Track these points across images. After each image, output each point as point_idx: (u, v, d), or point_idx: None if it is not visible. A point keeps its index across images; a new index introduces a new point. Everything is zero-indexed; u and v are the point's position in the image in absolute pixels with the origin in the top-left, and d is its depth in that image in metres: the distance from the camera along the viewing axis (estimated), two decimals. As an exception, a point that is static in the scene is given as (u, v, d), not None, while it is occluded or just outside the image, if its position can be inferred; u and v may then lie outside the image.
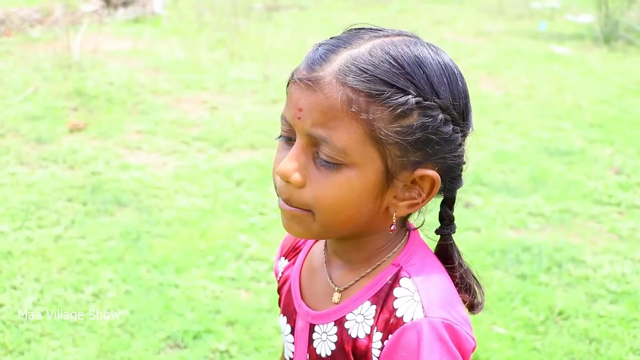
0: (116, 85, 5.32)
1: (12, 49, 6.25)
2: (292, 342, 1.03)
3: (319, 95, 0.85)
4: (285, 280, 1.07)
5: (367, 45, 0.87)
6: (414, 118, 0.85)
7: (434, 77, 0.87)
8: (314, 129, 0.86)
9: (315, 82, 0.86)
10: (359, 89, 0.84)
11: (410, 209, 0.91)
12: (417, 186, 0.89)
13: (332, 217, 0.89)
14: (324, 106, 0.85)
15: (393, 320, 0.89)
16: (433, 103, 0.86)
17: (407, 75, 0.85)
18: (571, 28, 8.68)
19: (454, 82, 0.89)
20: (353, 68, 0.85)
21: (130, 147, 4.30)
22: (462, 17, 9.34)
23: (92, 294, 2.76)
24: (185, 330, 2.56)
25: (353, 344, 0.92)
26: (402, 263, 0.93)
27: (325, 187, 0.87)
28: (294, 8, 9.51)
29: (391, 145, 0.86)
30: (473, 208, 3.67)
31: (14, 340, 2.47)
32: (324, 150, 0.86)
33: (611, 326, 2.69)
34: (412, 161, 0.87)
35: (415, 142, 0.86)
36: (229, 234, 3.28)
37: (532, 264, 3.10)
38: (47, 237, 3.16)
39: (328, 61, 0.86)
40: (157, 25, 7.76)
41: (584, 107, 5.51)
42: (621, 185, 4.00)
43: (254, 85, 5.62)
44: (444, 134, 0.87)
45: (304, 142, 0.88)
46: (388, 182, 0.88)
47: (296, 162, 0.88)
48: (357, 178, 0.86)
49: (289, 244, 1.11)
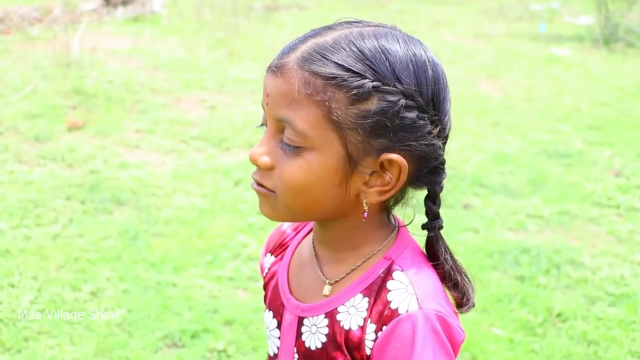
0: (115, 84, 5.31)
1: (11, 47, 6.25)
2: (277, 336, 1.03)
3: (280, 79, 0.89)
4: (272, 276, 1.08)
5: (334, 34, 0.90)
6: (373, 102, 0.86)
7: (396, 63, 0.87)
8: (278, 112, 0.89)
9: (280, 68, 0.89)
10: (316, 71, 0.86)
11: (381, 195, 0.91)
12: (388, 173, 0.90)
13: (294, 199, 0.91)
14: (284, 90, 0.88)
15: (387, 312, 0.90)
16: (393, 88, 0.86)
17: (366, 60, 0.86)
18: (571, 30, 8.69)
19: (421, 69, 0.89)
20: (314, 54, 0.88)
21: (129, 146, 4.29)
22: (461, 18, 9.35)
23: (90, 292, 2.75)
24: (183, 329, 2.56)
25: (346, 336, 0.93)
26: (393, 257, 0.94)
27: (287, 170, 0.89)
28: (294, 8, 9.51)
29: (351, 130, 0.87)
30: (472, 209, 3.66)
31: (12, 338, 2.46)
32: (287, 133, 0.88)
33: (610, 329, 2.68)
34: (375, 147, 0.88)
35: (375, 126, 0.86)
36: (227, 233, 3.28)
37: (530, 266, 3.09)
38: (45, 235, 3.15)
39: (295, 49, 0.90)
40: (156, 24, 7.75)
41: (583, 110, 5.51)
42: (620, 188, 4.00)
43: (253, 85, 5.62)
44: (406, 119, 0.87)
45: (272, 126, 0.91)
46: (351, 167, 0.89)
47: (265, 147, 0.92)
48: (317, 161, 0.88)
49: (275, 241, 1.12)
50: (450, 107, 0.94)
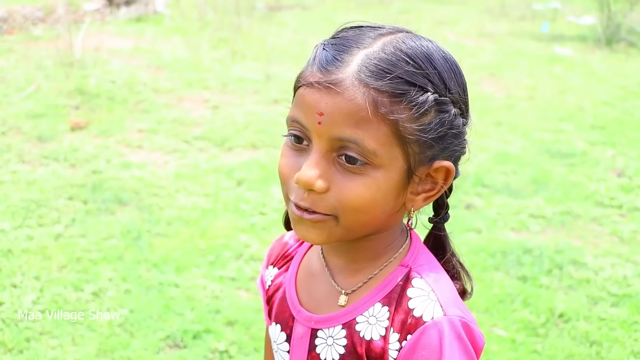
0: (118, 84, 5.32)
1: (14, 47, 6.25)
2: (286, 350, 1.00)
3: (342, 98, 0.83)
4: (277, 288, 1.05)
5: (378, 43, 0.87)
6: (432, 115, 0.87)
7: (443, 72, 0.88)
8: (340, 131, 0.84)
9: (336, 84, 0.84)
10: (383, 89, 0.84)
11: (426, 201, 0.92)
12: (431, 178, 0.91)
13: (357, 219, 0.88)
14: (350, 109, 0.83)
15: (411, 320, 0.89)
16: (446, 98, 0.88)
17: (423, 72, 0.86)
18: (573, 30, 8.67)
19: (458, 74, 0.91)
20: (372, 68, 0.84)
21: (131, 146, 4.30)
22: (464, 18, 9.33)
23: (92, 292, 2.75)
24: (185, 329, 2.56)
25: (367, 346, 0.92)
26: (410, 264, 0.94)
27: (351, 190, 0.86)
28: (297, 8, 9.51)
29: (413, 144, 0.87)
30: (474, 209, 3.66)
31: (14, 338, 2.46)
32: (352, 152, 0.85)
33: (612, 329, 2.68)
34: (428, 156, 0.89)
35: (434, 138, 0.87)
36: (230, 233, 3.28)
37: (533, 266, 3.09)
38: (47, 235, 3.15)
39: (344, 62, 0.85)
40: (159, 23, 7.75)
41: (586, 109, 5.50)
42: (623, 188, 4.00)
43: (255, 84, 5.62)
44: (457, 127, 0.90)
45: (325, 146, 0.86)
46: (409, 179, 0.89)
47: (318, 169, 0.86)
48: (383, 179, 0.86)
49: (277, 252, 1.09)
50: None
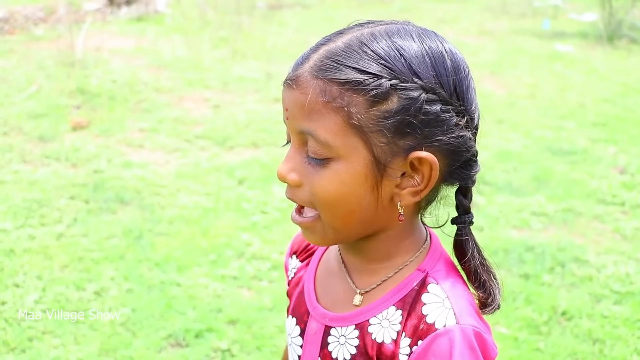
0: (119, 83, 5.32)
1: (15, 47, 6.26)
2: (300, 344, 1.00)
3: (296, 92, 0.87)
4: (298, 283, 1.06)
5: (346, 38, 0.87)
6: (394, 101, 0.84)
7: (412, 58, 0.85)
8: (299, 125, 0.87)
9: (295, 80, 0.87)
10: (330, 79, 0.84)
11: (414, 196, 0.89)
12: (419, 172, 0.87)
13: (333, 214, 0.88)
14: (301, 101, 0.86)
15: (423, 326, 0.88)
16: (412, 84, 0.84)
17: (381, 60, 0.84)
18: (575, 26, 8.66)
19: (439, 61, 0.86)
20: (326, 61, 0.85)
21: (132, 145, 4.30)
22: (465, 15, 9.32)
23: (94, 292, 2.75)
24: (187, 328, 2.56)
25: (378, 349, 0.91)
26: (427, 269, 0.92)
27: (318, 184, 0.87)
28: (297, 6, 9.50)
29: (374, 133, 0.84)
30: (476, 207, 3.65)
31: (16, 338, 2.46)
32: (311, 146, 0.86)
33: (615, 327, 2.68)
34: (402, 147, 0.85)
35: (399, 125, 0.84)
36: (231, 232, 3.28)
37: (535, 264, 3.09)
38: (49, 235, 3.16)
39: (307, 59, 0.87)
40: (160, 23, 7.75)
41: (587, 106, 5.49)
42: (625, 185, 3.99)
43: (256, 83, 5.62)
44: (430, 114, 0.84)
45: (296, 141, 0.89)
46: (380, 171, 0.86)
47: (291, 163, 0.89)
48: (345, 170, 0.86)
49: (300, 244, 1.10)
50: (476, 96, 0.91)
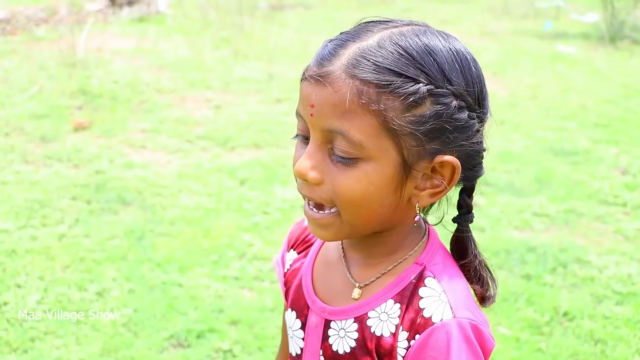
0: (120, 84, 5.32)
1: (17, 48, 6.26)
2: (301, 337, 1.01)
3: (328, 89, 0.85)
4: (295, 274, 1.06)
5: (376, 37, 0.87)
6: (427, 107, 0.85)
7: (444, 64, 0.86)
8: (328, 123, 0.85)
9: (325, 76, 0.85)
10: (368, 80, 0.83)
11: (433, 198, 0.90)
12: (438, 174, 0.89)
13: (356, 213, 0.88)
14: (335, 100, 0.84)
15: (420, 320, 0.89)
16: (445, 90, 0.85)
17: (417, 63, 0.84)
18: (577, 27, 8.65)
19: (466, 67, 0.88)
20: (361, 60, 0.84)
21: (134, 146, 4.30)
22: (467, 16, 9.32)
23: (95, 292, 2.75)
24: (189, 329, 2.56)
25: (377, 342, 0.92)
26: (425, 262, 0.93)
27: (343, 183, 0.86)
28: (299, 7, 9.51)
29: (406, 136, 0.85)
30: (477, 208, 3.65)
31: (18, 338, 2.47)
32: (340, 145, 0.85)
33: (617, 327, 2.67)
34: (429, 150, 0.86)
35: (430, 131, 0.85)
36: (233, 233, 3.28)
37: (536, 265, 3.08)
38: (51, 235, 3.16)
39: (337, 56, 0.86)
40: (161, 24, 7.76)
41: (589, 107, 5.49)
42: (627, 186, 3.99)
43: (258, 84, 5.62)
44: (459, 120, 0.87)
45: (319, 138, 0.87)
46: (406, 173, 0.87)
47: (312, 160, 0.88)
48: (374, 171, 0.86)
49: (298, 236, 1.10)
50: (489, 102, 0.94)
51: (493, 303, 0.98)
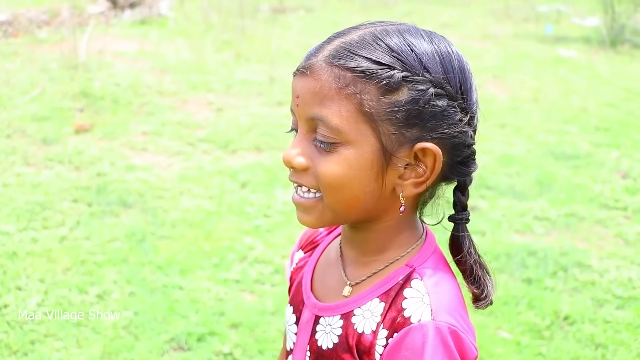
0: (122, 86, 5.33)
1: (19, 50, 6.27)
2: (295, 332, 1.04)
3: (310, 79, 0.90)
4: (299, 272, 1.09)
5: (360, 32, 0.91)
6: (403, 93, 0.88)
7: (423, 55, 0.89)
8: (310, 111, 0.90)
9: (308, 68, 0.91)
10: (345, 66, 0.88)
11: (417, 187, 0.92)
12: (421, 164, 0.91)
13: (336, 197, 0.91)
14: (314, 88, 0.89)
15: (400, 319, 0.90)
16: (422, 78, 0.88)
17: (394, 53, 0.88)
18: (578, 31, 8.66)
19: (447, 59, 0.91)
20: (341, 51, 0.89)
21: (135, 148, 4.30)
22: (468, 20, 9.33)
23: (96, 295, 2.76)
24: (189, 332, 2.56)
25: (358, 339, 0.93)
26: (415, 265, 0.94)
27: (325, 167, 0.90)
28: (301, 10, 9.52)
29: (384, 122, 0.88)
30: (478, 211, 3.65)
31: (18, 340, 2.47)
32: (320, 130, 0.89)
33: (617, 332, 2.67)
34: (409, 137, 0.89)
35: (407, 116, 0.88)
36: (234, 235, 3.28)
37: (537, 269, 3.08)
38: (52, 237, 3.16)
39: (321, 50, 0.91)
40: (163, 26, 7.77)
41: (590, 111, 5.49)
42: (628, 190, 3.99)
43: (259, 86, 5.62)
44: (438, 107, 0.89)
45: (304, 127, 0.92)
46: (387, 159, 0.89)
47: (298, 147, 0.92)
48: (353, 156, 0.89)
49: (308, 237, 1.13)
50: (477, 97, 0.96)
51: (490, 304, 0.98)
